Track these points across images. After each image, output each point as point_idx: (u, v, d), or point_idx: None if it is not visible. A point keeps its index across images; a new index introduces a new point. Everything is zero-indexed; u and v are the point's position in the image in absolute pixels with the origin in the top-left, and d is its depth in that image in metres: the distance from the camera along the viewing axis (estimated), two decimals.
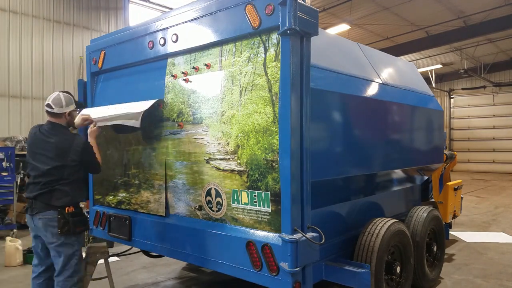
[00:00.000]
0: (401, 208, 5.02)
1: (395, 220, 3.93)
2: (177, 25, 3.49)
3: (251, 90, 2.97)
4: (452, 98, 24.67)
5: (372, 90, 4.15)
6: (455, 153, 6.62)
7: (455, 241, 6.94)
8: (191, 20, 3.36)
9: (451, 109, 24.62)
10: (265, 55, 2.89)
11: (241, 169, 3.03)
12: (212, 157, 3.24)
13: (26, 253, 5.77)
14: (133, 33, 3.96)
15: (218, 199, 3.20)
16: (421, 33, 15.92)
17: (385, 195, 4.64)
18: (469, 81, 23.61)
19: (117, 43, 4.14)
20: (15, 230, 7.10)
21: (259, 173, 2.91)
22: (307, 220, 2.82)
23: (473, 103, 23.75)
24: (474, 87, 23.34)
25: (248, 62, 3.00)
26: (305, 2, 2.77)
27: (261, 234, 2.92)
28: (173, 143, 3.57)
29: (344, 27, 14.00)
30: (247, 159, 2.99)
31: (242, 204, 3.04)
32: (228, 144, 3.13)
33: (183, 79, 3.50)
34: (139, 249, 4.71)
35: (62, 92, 3.46)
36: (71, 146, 3.27)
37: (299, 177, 2.77)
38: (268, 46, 2.88)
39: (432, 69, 21.71)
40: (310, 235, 2.76)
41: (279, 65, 2.79)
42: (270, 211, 2.87)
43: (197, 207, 3.38)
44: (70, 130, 3.57)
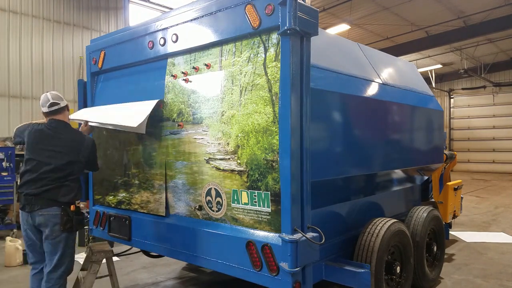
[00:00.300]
0: (401, 208, 5.02)
1: (395, 220, 3.93)
2: (177, 25, 3.49)
3: (251, 90, 2.97)
4: (452, 98, 24.67)
5: (372, 90, 4.15)
6: (455, 153, 6.62)
7: (455, 241, 6.94)
8: (191, 20, 3.36)
9: (451, 109, 24.62)
10: (265, 55, 2.89)
11: (241, 169, 3.03)
12: (212, 157, 3.24)
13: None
14: (133, 33, 3.96)
15: (218, 199, 3.20)
16: (421, 33, 15.93)
17: (385, 195, 4.64)
18: (469, 81, 23.62)
19: (117, 43, 4.14)
20: (15, 230, 7.09)
21: (259, 173, 2.91)
22: (307, 220, 2.82)
23: (473, 103, 23.75)
24: (474, 87, 23.35)
25: (248, 62, 3.00)
26: (305, 2, 2.77)
27: (261, 234, 2.92)
28: (173, 143, 3.57)
29: (344, 27, 14.00)
30: (247, 159, 2.99)
31: (242, 204, 3.04)
32: (228, 144, 3.13)
33: (183, 79, 3.50)
34: (139, 249, 4.71)
35: (50, 91, 3.59)
36: (83, 143, 3.44)
37: (299, 177, 2.77)
38: (268, 46, 2.88)
39: (432, 69, 21.72)
40: (310, 235, 2.76)
41: (279, 65, 2.79)
42: (270, 211, 2.87)
43: (197, 207, 3.38)
44: None
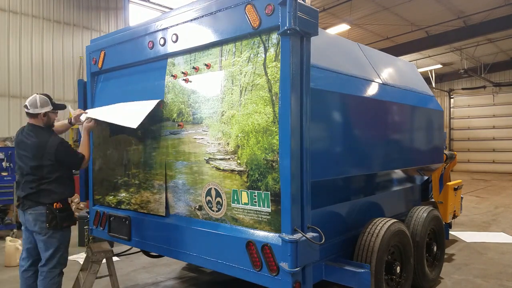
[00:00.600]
0: (401, 208, 5.02)
1: (395, 220, 3.93)
2: (177, 25, 3.48)
3: (251, 90, 2.97)
4: (452, 98, 24.67)
5: (372, 90, 4.15)
6: (455, 153, 6.62)
7: (455, 241, 6.94)
8: (191, 20, 3.36)
9: (451, 109, 24.62)
10: (265, 55, 2.89)
11: (241, 169, 3.03)
12: (212, 157, 3.24)
13: None
14: (133, 33, 3.96)
15: (218, 199, 3.20)
16: (421, 33, 15.93)
17: (385, 195, 4.64)
18: (469, 81, 23.62)
19: (117, 43, 4.14)
20: (15, 230, 7.10)
21: (259, 173, 2.91)
22: (307, 220, 2.82)
23: (473, 103, 23.75)
24: (474, 87, 23.35)
25: (248, 62, 3.00)
26: (305, 2, 2.77)
27: (261, 234, 2.92)
28: (173, 143, 3.57)
29: (344, 27, 14.00)
30: (247, 159, 2.99)
31: (242, 204, 3.04)
32: (228, 144, 3.13)
33: (183, 79, 3.50)
34: (139, 249, 4.71)
35: (39, 94, 3.64)
36: (45, 147, 3.45)
37: (299, 177, 2.77)
38: (268, 46, 2.88)
39: (432, 69, 21.72)
40: (310, 235, 2.76)
41: (279, 65, 2.79)
42: (270, 211, 2.87)
43: (197, 207, 3.38)
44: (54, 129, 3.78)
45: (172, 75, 3.60)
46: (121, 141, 4.09)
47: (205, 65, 3.31)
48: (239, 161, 3.04)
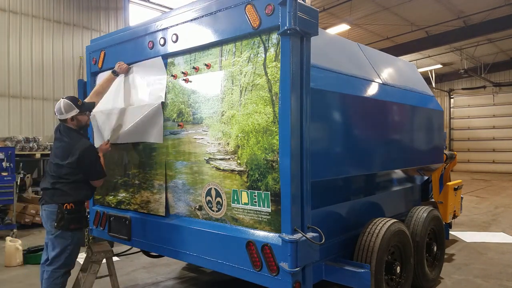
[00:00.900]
0: (401, 208, 5.02)
1: (395, 220, 3.93)
2: (177, 25, 3.49)
3: (251, 90, 2.97)
4: (452, 98, 24.66)
5: (372, 90, 4.15)
6: (455, 153, 6.62)
7: (455, 241, 6.94)
8: (191, 20, 3.36)
9: (451, 109, 24.61)
10: (265, 55, 2.89)
11: (241, 169, 3.03)
12: (212, 157, 3.24)
13: (26, 253, 5.78)
14: (133, 33, 3.96)
15: (218, 199, 3.20)
16: (421, 33, 15.92)
17: (385, 195, 4.64)
18: (469, 81, 23.61)
19: (117, 43, 4.14)
20: (15, 230, 7.10)
21: (259, 173, 2.91)
22: (307, 220, 2.82)
23: (473, 103, 23.74)
24: (474, 87, 23.33)
25: (248, 62, 3.00)
26: (305, 2, 2.77)
27: (261, 234, 2.92)
28: (173, 143, 3.58)
29: (344, 27, 13.99)
30: (247, 159, 2.99)
31: (242, 204, 3.04)
32: (228, 144, 3.13)
33: (183, 79, 3.50)
34: (139, 249, 4.71)
35: (65, 98, 3.62)
36: (72, 148, 3.47)
37: (299, 177, 2.77)
38: (268, 46, 2.88)
39: (432, 69, 21.70)
40: (310, 235, 2.76)
41: (279, 65, 2.79)
42: (270, 211, 2.87)
43: (197, 207, 3.38)
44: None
45: (172, 75, 3.60)
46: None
47: (205, 65, 3.31)
48: (239, 161, 3.04)
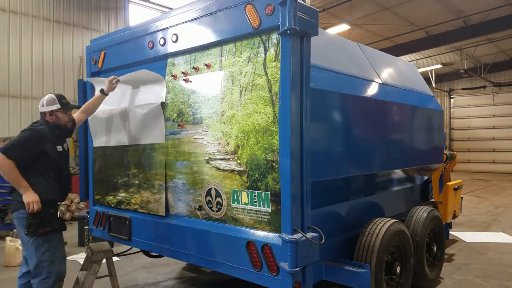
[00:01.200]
0: (401, 208, 5.02)
1: (395, 220, 3.93)
2: (177, 25, 3.49)
3: (251, 90, 2.97)
4: (452, 98, 24.67)
5: (372, 90, 4.15)
6: (455, 153, 6.62)
7: (455, 241, 6.94)
8: (191, 20, 3.36)
9: (451, 109, 24.62)
10: (265, 55, 2.89)
11: (241, 169, 3.03)
12: (212, 157, 3.24)
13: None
14: (133, 33, 3.96)
15: (218, 199, 3.20)
16: (421, 33, 15.93)
17: (385, 195, 4.64)
18: (469, 81, 23.62)
19: (117, 43, 4.14)
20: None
21: (259, 173, 2.91)
22: (307, 220, 2.82)
23: (473, 103, 23.75)
24: (474, 87, 23.35)
25: (248, 62, 3.00)
26: (305, 2, 2.77)
27: (261, 234, 2.92)
28: (173, 143, 3.58)
29: (344, 27, 14.00)
30: (247, 159, 2.99)
31: (242, 204, 3.04)
32: (228, 144, 3.13)
33: (183, 79, 3.50)
34: (139, 249, 4.71)
35: (53, 93, 3.57)
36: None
37: (299, 177, 2.77)
38: (268, 46, 2.88)
39: (432, 69, 21.72)
40: (310, 235, 2.76)
41: (279, 65, 2.79)
42: (270, 211, 2.87)
43: (197, 207, 3.38)
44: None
45: (172, 75, 3.60)
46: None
47: (205, 65, 3.31)
48: (239, 161, 3.04)
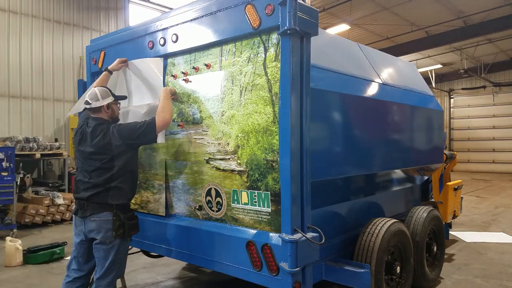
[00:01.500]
0: (401, 208, 5.01)
1: (395, 220, 3.93)
2: (177, 25, 3.49)
3: (251, 90, 2.97)
4: (452, 98, 24.66)
5: (372, 90, 4.15)
6: (455, 153, 6.62)
7: (455, 241, 6.94)
8: (191, 20, 3.36)
9: (451, 109, 24.61)
10: (265, 55, 2.89)
11: (241, 169, 3.03)
12: (212, 157, 3.24)
13: (26, 253, 5.77)
14: (133, 33, 3.96)
15: (218, 199, 3.20)
16: (421, 33, 15.92)
17: (385, 195, 4.64)
18: (469, 81, 23.61)
19: (117, 43, 4.14)
20: (15, 230, 7.09)
21: (259, 173, 2.91)
22: (307, 220, 2.82)
23: (473, 103, 23.74)
24: (474, 87, 23.33)
25: (248, 62, 3.00)
26: (305, 2, 2.77)
27: (261, 234, 2.92)
28: (173, 143, 3.57)
29: (344, 27, 14.00)
30: (247, 159, 2.99)
31: (242, 204, 3.04)
32: (228, 144, 3.13)
33: (183, 79, 3.50)
34: (139, 249, 4.71)
35: (97, 87, 3.31)
36: (108, 132, 3.10)
37: (299, 177, 2.77)
38: (268, 46, 2.88)
39: (432, 69, 21.71)
40: (310, 235, 2.76)
41: (279, 65, 2.79)
42: (270, 211, 2.87)
43: (197, 207, 3.38)
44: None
45: (172, 75, 3.60)
46: None
47: (205, 65, 3.31)
48: (239, 161, 3.04)
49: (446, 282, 4.91)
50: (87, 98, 3.20)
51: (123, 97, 3.52)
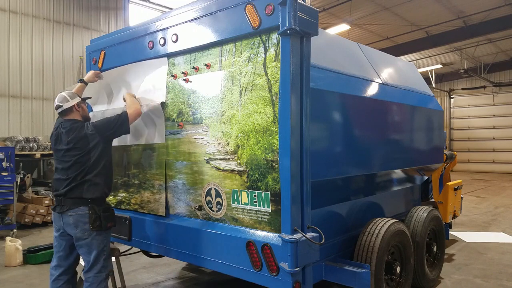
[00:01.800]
0: (401, 208, 5.02)
1: (395, 220, 3.93)
2: (177, 25, 3.48)
3: (251, 90, 2.97)
4: (452, 98, 24.66)
5: (372, 90, 4.15)
6: (455, 153, 6.61)
7: (455, 241, 6.94)
8: (191, 20, 3.36)
9: (451, 109, 24.61)
10: (265, 55, 2.89)
11: (241, 169, 3.03)
12: (212, 157, 3.24)
13: (26, 253, 5.77)
14: (133, 33, 3.96)
15: (218, 199, 3.20)
16: (421, 33, 15.92)
17: (385, 195, 4.64)
18: (469, 81, 23.61)
19: (117, 43, 4.14)
20: (15, 230, 7.10)
21: (259, 173, 2.91)
22: (307, 220, 2.82)
23: (473, 103, 23.74)
24: (474, 87, 23.33)
25: (248, 62, 3.00)
26: (305, 2, 2.77)
27: (261, 234, 2.92)
28: (173, 143, 3.58)
29: (344, 27, 14.00)
30: (247, 159, 2.99)
31: (242, 204, 3.04)
32: (228, 144, 3.13)
33: (183, 79, 3.50)
34: (139, 249, 4.71)
35: (63, 91, 3.49)
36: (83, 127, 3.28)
37: (299, 177, 2.77)
38: (268, 46, 2.88)
39: (432, 69, 21.70)
40: (310, 235, 2.76)
41: (279, 65, 2.79)
42: (270, 211, 2.87)
43: (197, 207, 3.38)
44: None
45: (172, 75, 3.60)
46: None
47: (205, 65, 3.31)
48: (239, 161, 3.04)
49: (446, 282, 4.91)
50: (57, 102, 3.37)
51: (88, 98, 3.71)
